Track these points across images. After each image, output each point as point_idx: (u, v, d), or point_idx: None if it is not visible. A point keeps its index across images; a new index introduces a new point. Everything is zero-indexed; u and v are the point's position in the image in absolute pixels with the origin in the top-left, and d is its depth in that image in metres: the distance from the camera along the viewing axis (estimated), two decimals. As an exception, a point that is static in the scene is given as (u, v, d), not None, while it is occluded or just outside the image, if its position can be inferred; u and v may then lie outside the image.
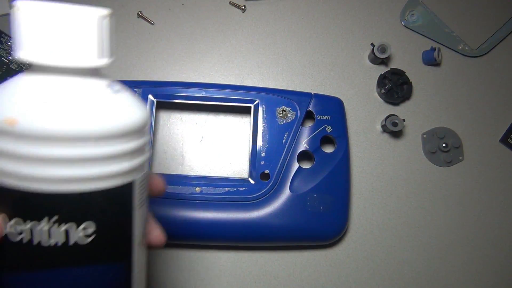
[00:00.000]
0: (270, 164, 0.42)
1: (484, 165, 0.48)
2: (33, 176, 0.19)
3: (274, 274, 0.44)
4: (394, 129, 0.45)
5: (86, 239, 0.20)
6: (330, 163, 0.43)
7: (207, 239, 0.42)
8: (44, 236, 0.20)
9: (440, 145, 0.47)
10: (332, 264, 0.45)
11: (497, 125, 0.49)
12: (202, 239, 0.42)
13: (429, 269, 0.46)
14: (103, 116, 0.20)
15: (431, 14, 0.49)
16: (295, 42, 0.48)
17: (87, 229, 0.20)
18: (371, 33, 0.49)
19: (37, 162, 0.19)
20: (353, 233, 0.45)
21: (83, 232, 0.20)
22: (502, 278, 0.46)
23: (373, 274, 0.45)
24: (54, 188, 0.19)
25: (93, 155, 0.20)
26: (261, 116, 0.43)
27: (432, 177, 0.47)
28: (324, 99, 0.44)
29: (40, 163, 0.19)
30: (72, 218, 0.20)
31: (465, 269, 0.46)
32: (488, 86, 0.49)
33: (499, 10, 0.50)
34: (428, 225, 0.46)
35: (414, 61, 0.49)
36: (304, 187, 0.42)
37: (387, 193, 0.46)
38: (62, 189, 0.19)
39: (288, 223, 0.41)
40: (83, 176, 0.20)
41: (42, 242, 0.20)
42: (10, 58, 0.41)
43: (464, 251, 0.46)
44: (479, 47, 0.49)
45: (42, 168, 0.19)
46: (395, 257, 0.45)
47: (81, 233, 0.20)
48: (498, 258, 0.46)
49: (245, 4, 0.48)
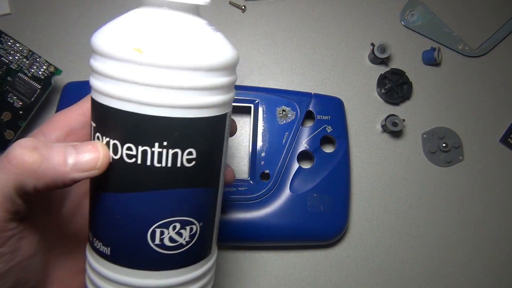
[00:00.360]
0: (270, 164, 0.42)
1: (484, 165, 0.48)
2: (153, 102, 0.21)
3: (274, 274, 0.44)
4: (394, 129, 0.45)
5: (189, 164, 0.23)
6: (330, 163, 0.43)
7: (207, 239, 0.42)
8: (155, 159, 0.22)
9: (440, 145, 0.47)
10: (332, 264, 0.45)
11: (497, 125, 0.49)
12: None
13: (429, 269, 0.46)
14: (211, 50, 0.22)
15: (431, 14, 0.49)
16: (295, 42, 0.48)
17: (189, 155, 0.23)
18: (371, 33, 0.49)
19: (157, 89, 0.21)
20: (353, 233, 0.45)
21: (187, 157, 0.23)
22: (502, 278, 0.46)
23: (373, 274, 0.45)
24: (169, 114, 0.22)
25: (203, 85, 0.22)
26: (261, 116, 0.43)
27: (432, 177, 0.47)
28: (324, 99, 0.44)
29: (159, 90, 0.21)
30: (179, 145, 0.22)
31: (465, 269, 0.46)
32: (488, 86, 0.49)
33: (499, 10, 0.50)
34: (428, 225, 0.46)
35: (414, 61, 0.49)
36: (304, 187, 0.42)
37: (387, 193, 0.46)
38: (175, 115, 0.22)
39: (288, 223, 0.41)
40: (194, 104, 0.22)
41: (154, 163, 0.22)
42: (10, 58, 0.41)
43: (464, 251, 0.46)
44: (479, 47, 0.49)
45: (161, 95, 0.21)
46: (395, 257, 0.45)
47: (185, 158, 0.23)
48: (498, 258, 0.46)
49: (245, 4, 0.48)
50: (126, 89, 0.21)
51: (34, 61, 0.42)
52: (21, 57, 0.42)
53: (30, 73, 0.42)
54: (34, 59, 0.42)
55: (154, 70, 0.21)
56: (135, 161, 0.22)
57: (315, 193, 0.42)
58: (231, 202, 0.41)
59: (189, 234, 0.24)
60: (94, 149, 0.22)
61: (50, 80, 0.42)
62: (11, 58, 0.42)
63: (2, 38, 0.41)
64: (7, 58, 0.41)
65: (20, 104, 0.42)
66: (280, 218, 0.41)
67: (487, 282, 0.46)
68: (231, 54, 0.24)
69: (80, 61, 0.45)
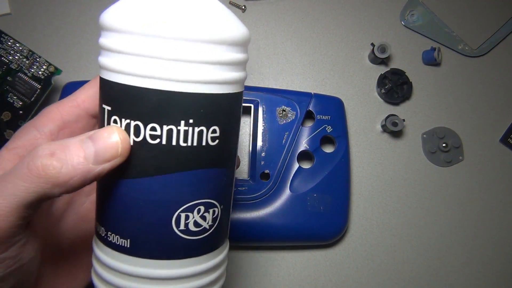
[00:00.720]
0: (270, 164, 0.42)
1: (484, 165, 0.48)
2: (179, 78, 0.21)
3: (274, 274, 0.44)
4: (394, 129, 0.45)
5: (213, 142, 0.22)
6: (330, 163, 0.43)
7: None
8: (181, 138, 0.21)
9: (440, 145, 0.47)
10: (332, 264, 0.45)
11: (497, 125, 0.49)
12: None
13: (429, 269, 0.46)
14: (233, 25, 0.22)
15: (431, 14, 0.49)
16: (295, 42, 0.48)
17: (214, 133, 0.22)
18: (371, 33, 0.49)
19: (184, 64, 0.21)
20: (353, 233, 0.45)
21: (212, 135, 0.22)
22: (502, 278, 0.46)
23: (373, 274, 0.45)
24: (195, 90, 0.21)
25: (227, 59, 0.22)
26: (261, 116, 0.43)
27: (432, 177, 0.47)
28: (324, 99, 0.44)
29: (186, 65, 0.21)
30: (204, 122, 0.22)
31: (465, 269, 0.46)
32: (488, 86, 0.49)
33: (499, 10, 0.50)
34: (428, 225, 0.46)
35: (414, 61, 0.49)
36: (304, 187, 0.42)
37: (387, 193, 0.46)
38: (202, 90, 0.21)
39: (288, 223, 0.41)
40: (219, 79, 0.22)
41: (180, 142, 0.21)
42: (10, 58, 0.41)
43: (464, 251, 0.46)
44: (479, 47, 0.49)
45: (188, 69, 0.21)
46: (395, 257, 0.45)
47: (210, 136, 0.22)
48: (498, 258, 0.46)
49: (245, 4, 0.48)
50: (150, 65, 0.21)
51: (34, 61, 0.42)
52: (21, 57, 0.42)
53: (30, 73, 0.42)
54: (34, 59, 0.42)
55: (181, 44, 0.21)
56: (160, 141, 0.21)
57: (315, 193, 0.42)
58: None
59: (212, 218, 0.24)
60: (111, 135, 0.21)
61: (50, 80, 0.42)
62: (11, 58, 0.42)
63: (2, 38, 0.41)
64: (7, 58, 0.41)
65: (20, 104, 0.42)
66: (280, 218, 0.41)
67: (487, 282, 0.46)
68: (247, 30, 0.24)
69: (80, 61, 0.45)
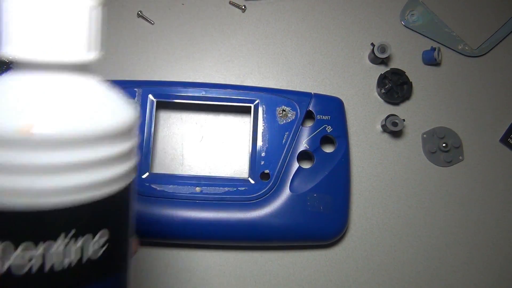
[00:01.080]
0: (270, 164, 0.42)
1: (484, 165, 0.48)
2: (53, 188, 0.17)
3: (274, 274, 0.44)
4: (394, 129, 0.45)
5: (99, 251, 0.19)
6: (330, 163, 0.43)
7: (207, 239, 0.42)
8: (59, 257, 0.18)
9: (440, 145, 0.47)
10: (332, 264, 0.45)
11: (497, 125, 0.49)
12: (202, 239, 0.42)
13: (429, 269, 0.45)
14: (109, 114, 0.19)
15: (431, 14, 0.49)
16: (295, 42, 0.48)
17: (102, 238, 0.19)
18: (371, 33, 0.49)
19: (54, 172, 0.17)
20: (353, 233, 0.45)
21: (98, 243, 0.19)
22: (502, 278, 0.46)
23: (373, 274, 0.45)
24: (74, 199, 0.18)
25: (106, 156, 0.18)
26: (261, 116, 0.43)
27: (432, 177, 0.47)
28: (324, 99, 0.44)
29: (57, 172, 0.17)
30: (89, 229, 0.18)
31: (465, 269, 0.46)
32: (488, 86, 0.49)
33: (499, 10, 0.50)
34: (428, 225, 0.46)
35: (414, 61, 0.49)
36: (304, 187, 0.42)
37: (387, 193, 0.46)
38: (81, 198, 0.18)
39: (288, 223, 0.41)
40: (100, 180, 0.18)
41: (55, 266, 0.18)
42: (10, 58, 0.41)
43: (464, 251, 0.46)
44: (479, 47, 0.49)
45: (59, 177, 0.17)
46: (395, 257, 0.45)
47: (96, 245, 0.19)
48: (498, 258, 0.46)
49: (245, 4, 0.48)
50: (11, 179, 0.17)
51: (34, 61, 0.42)
52: (21, 57, 0.42)
53: (30, 73, 0.42)
54: (34, 59, 0.42)
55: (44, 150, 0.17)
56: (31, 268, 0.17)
57: (315, 193, 0.42)
58: (231, 202, 0.41)
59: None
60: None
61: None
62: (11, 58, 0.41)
63: (2, 38, 0.41)
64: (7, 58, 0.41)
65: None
66: (280, 218, 0.41)
67: (487, 282, 0.46)
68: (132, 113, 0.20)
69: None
